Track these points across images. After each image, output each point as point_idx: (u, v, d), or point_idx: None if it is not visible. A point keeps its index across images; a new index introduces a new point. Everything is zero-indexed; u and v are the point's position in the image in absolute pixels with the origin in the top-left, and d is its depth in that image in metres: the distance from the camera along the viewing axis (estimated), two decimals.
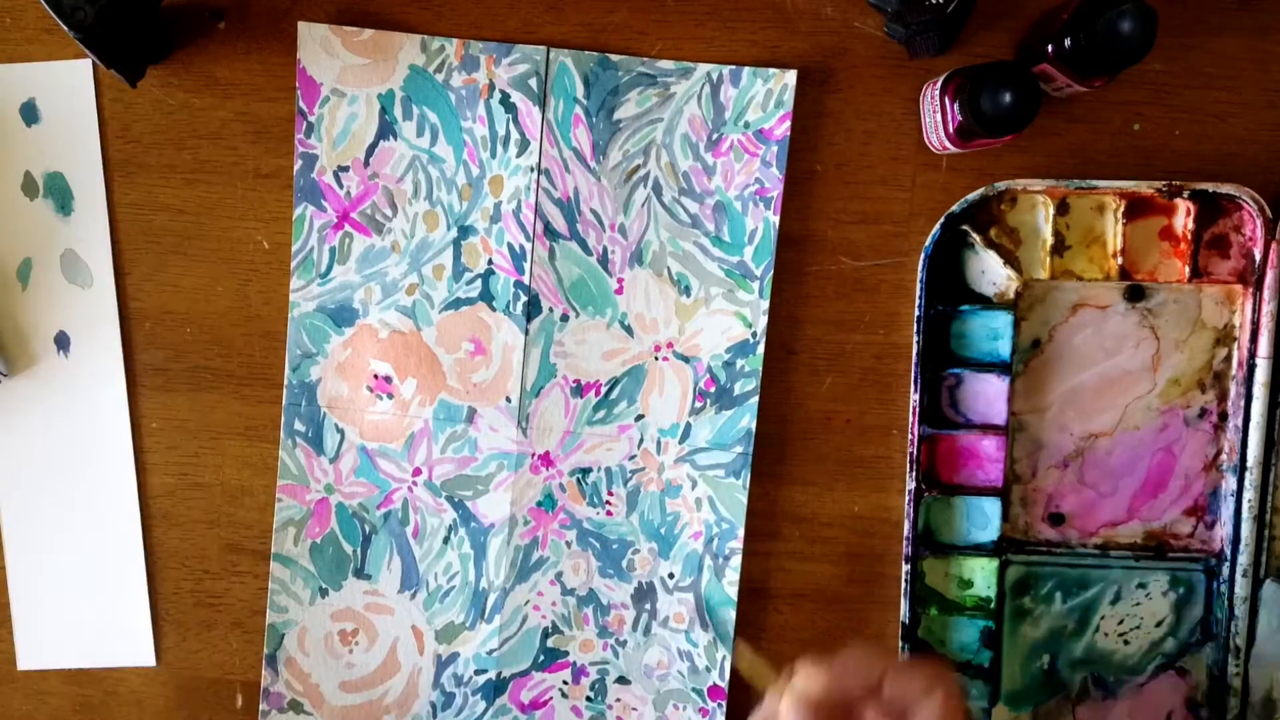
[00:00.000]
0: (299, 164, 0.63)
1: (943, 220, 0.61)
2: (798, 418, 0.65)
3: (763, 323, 0.63)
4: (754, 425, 0.64)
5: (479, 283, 0.64)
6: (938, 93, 0.59)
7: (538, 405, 0.64)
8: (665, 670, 0.66)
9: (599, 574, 0.65)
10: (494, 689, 0.66)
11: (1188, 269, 0.62)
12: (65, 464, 0.65)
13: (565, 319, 0.64)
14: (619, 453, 0.65)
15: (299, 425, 0.65)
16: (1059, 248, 0.62)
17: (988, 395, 0.63)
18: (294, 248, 0.64)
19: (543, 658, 0.66)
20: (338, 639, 0.66)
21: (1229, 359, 0.63)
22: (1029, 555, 0.64)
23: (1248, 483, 0.62)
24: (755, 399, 0.64)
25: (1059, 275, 0.62)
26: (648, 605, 0.65)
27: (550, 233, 0.63)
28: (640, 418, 0.64)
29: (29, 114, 0.63)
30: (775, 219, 0.63)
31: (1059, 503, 0.64)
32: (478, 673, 0.66)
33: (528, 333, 0.64)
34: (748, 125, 0.63)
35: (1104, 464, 0.64)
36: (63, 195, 0.64)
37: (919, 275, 0.62)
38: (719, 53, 0.63)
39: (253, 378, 0.65)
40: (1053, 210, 0.62)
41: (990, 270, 0.62)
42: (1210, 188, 0.61)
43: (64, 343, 0.65)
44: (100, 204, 0.64)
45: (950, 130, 0.58)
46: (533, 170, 0.63)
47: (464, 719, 0.66)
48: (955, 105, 0.57)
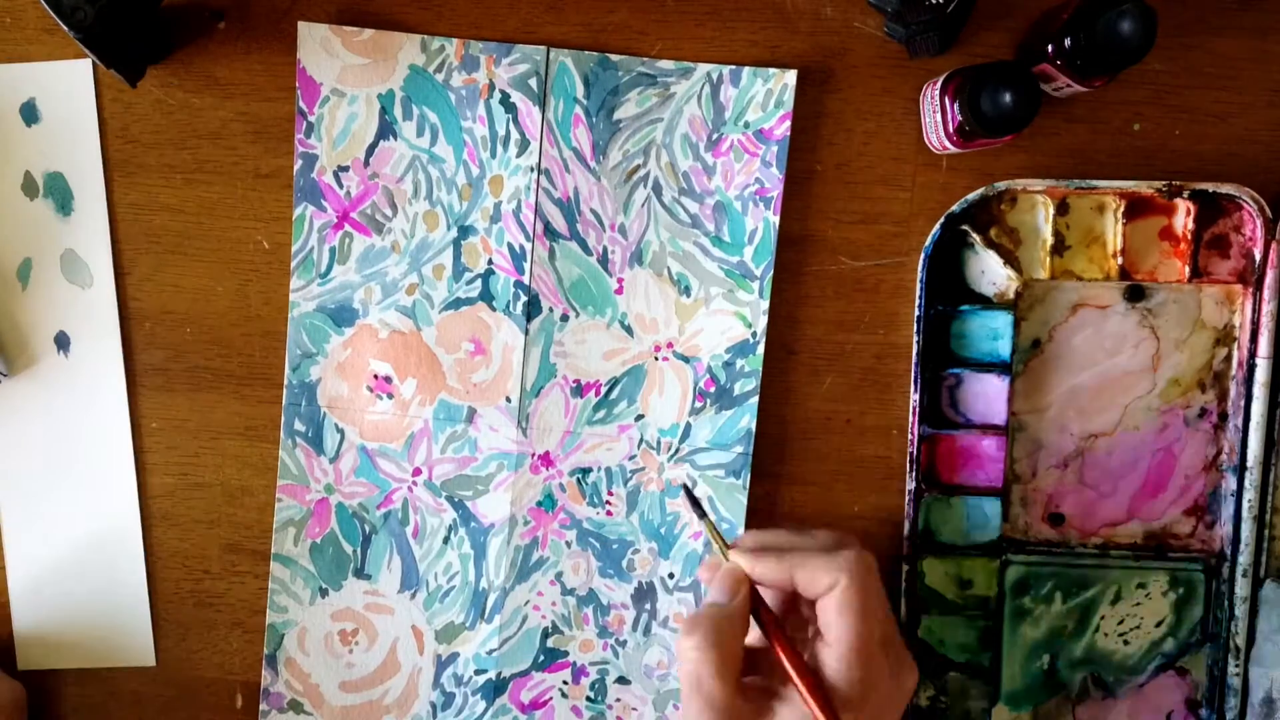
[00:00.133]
0: (299, 164, 0.63)
1: (943, 220, 0.61)
2: (798, 418, 0.65)
3: (763, 323, 0.63)
4: (754, 425, 0.64)
5: (479, 283, 0.64)
6: (938, 93, 0.59)
7: (538, 405, 0.64)
8: (665, 670, 0.66)
9: (599, 574, 0.65)
10: (494, 689, 0.66)
11: (1188, 269, 0.62)
12: (65, 464, 0.65)
13: (565, 319, 0.64)
14: (619, 453, 0.65)
15: (299, 425, 0.65)
16: (1059, 248, 0.62)
17: (988, 395, 0.63)
18: (294, 248, 0.64)
19: (543, 658, 0.66)
20: (338, 639, 0.66)
21: (1229, 359, 0.63)
22: (1029, 555, 0.64)
23: (1248, 483, 0.62)
24: (755, 399, 0.64)
25: (1059, 275, 0.62)
26: (648, 605, 0.65)
27: (550, 233, 0.63)
28: (640, 418, 0.64)
29: (29, 114, 0.63)
30: (775, 219, 0.63)
31: (1059, 503, 0.64)
32: (478, 673, 0.66)
33: (528, 333, 0.64)
34: (748, 125, 0.63)
35: (1104, 464, 0.64)
36: (63, 195, 0.64)
37: (919, 275, 0.62)
38: (719, 53, 0.63)
39: (253, 378, 0.65)
40: (1053, 210, 0.62)
41: (990, 270, 0.63)
42: (1210, 188, 0.61)
43: (64, 343, 0.65)
44: (100, 204, 0.64)
45: (950, 130, 0.58)
46: (533, 170, 0.63)
47: (464, 719, 0.66)
48: (955, 105, 0.57)
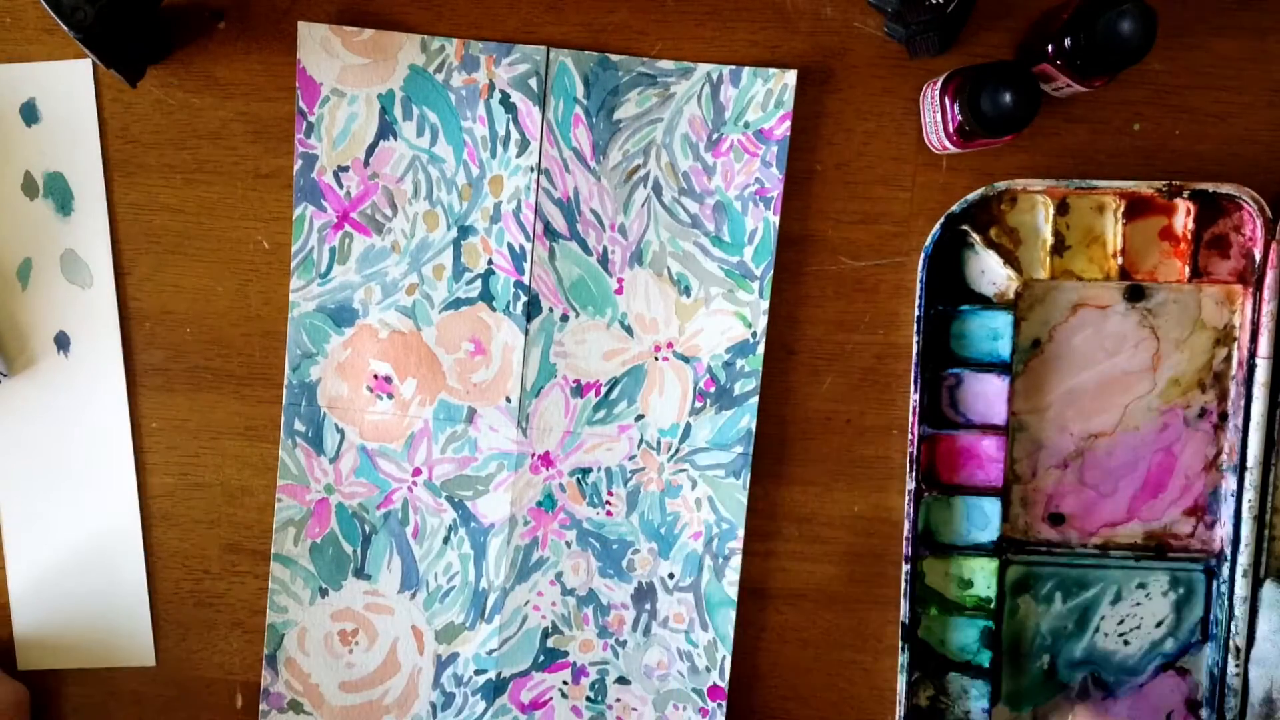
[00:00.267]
0: (299, 164, 0.63)
1: (943, 220, 0.61)
2: (797, 418, 0.65)
3: (763, 323, 0.63)
4: (754, 425, 0.64)
5: (479, 283, 0.64)
6: (938, 93, 0.59)
7: (538, 405, 0.64)
8: (665, 670, 0.66)
9: (599, 574, 0.65)
10: (494, 689, 0.66)
11: (1188, 269, 0.62)
12: (65, 464, 0.65)
13: (565, 319, 0.64)
14: (619, 453, 0.65)
15: (299, 425, 0.65)
16: (1059, 248, 0.62)
17: (988, 395, 0.63)
18: (294, 248, 0.64)
19: (543, 658, 0.66)
20: (338, 639, 0.66)
21: (1229, 359, 0.63)
22: (1029, 555, 0.64)
23: (1248, 483, 0.62)
24: (755, 399, 0.64)
25: (1059, 275, 0.62)
26: (648, 605, 0.65)
27: (550, 233, 0.63)
28: (640, 418, 0.64)
29: (29, 114, 0.63)
30: (775, 219, 0.63)
31: (1059, 503, 0.64)
32: (478, 673, 0.66)
33: (528, 333, 0.64)
34: (748, 125, 0.63)
35: (1104, 464, 0.64)
36: (63, 195, 0.64)
37: (919, 275, 0.62)
38: (719, 53, 0.63)
39: (253, 378, 0.65)
40: (1053, 210, 0.62)
41: (990, 270, 0.62)
42: (1210, 188, 0.61)
43: (64, 343, 0.65)
44: (100, 204, 0.64)
45: (950, 130, 0.58)
46: (533, 170, 0.63)
47: (464, 719, 0.66)
48: (955, 105, 0.57)
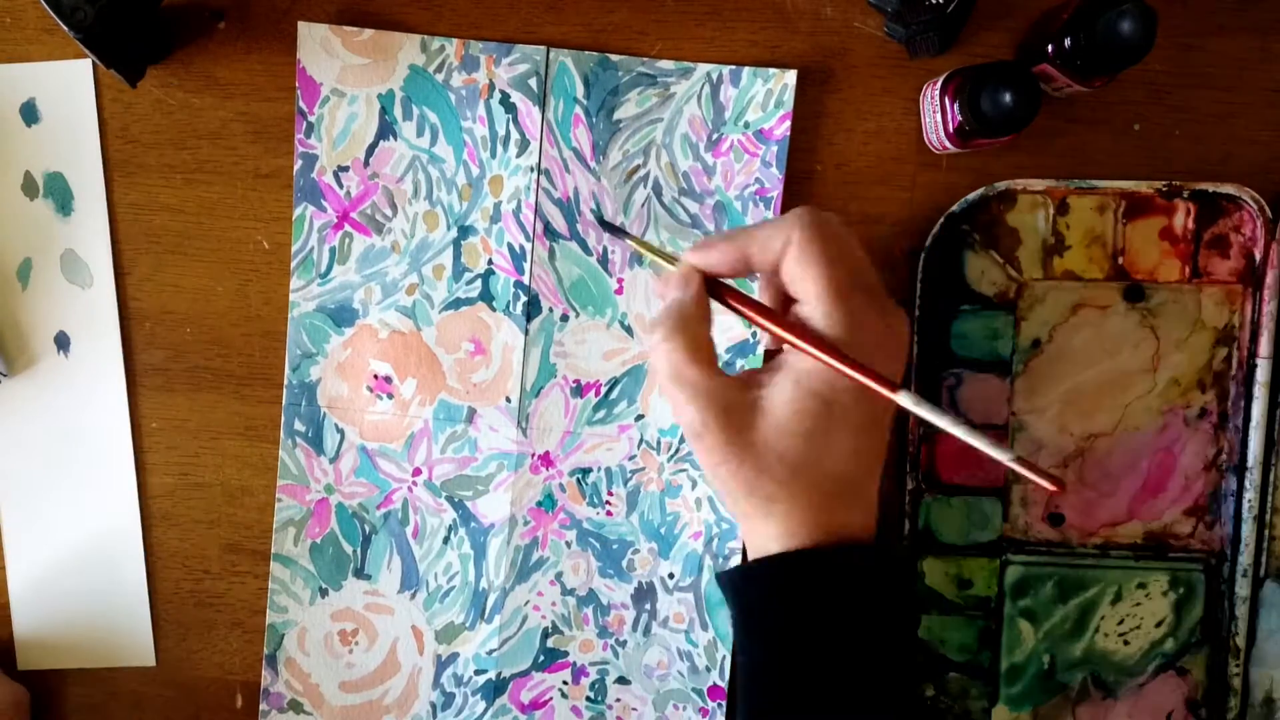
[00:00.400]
0: (299, 164, 0.63)
1: (942, 220, 0.61)
2: None
3: None
4: None
5: (479, 283, 0.64)
6: (938, 93, 0.59)
7: (538, 405, 0.64)
8: (665, 670, 0.66)
9: (599, 574, 0.65)
10: (494, 689, 0.66)
11: (1188, 269, 0.62)
12: (65, 464, 0.65)
13: (565, 319, 0.64)
14: (619, 453, 0.65)
15: (299, 425, 0.65)
16: (1059, 248, 0.62)
17: (987, 395, 0.63)
18: (294, 248, 0.64)
19: (543, 658, 0.66)
20: (338, 639, 0.66)
21: (1229, 359, 0.63)
22: (1029, 555, 0.64)
23: (1248, 483, 0.62)
24: None
25: (1059, 275, 0.62)
26: (648, 605, 0.65)
27: (550, 233, 0.63)
28: (640, 418, 0.64)
29: (29, 114, 0.63)
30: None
31: (1059, 503, 0.64)
32: (478, 673, 0.66)
33: (528, 333, 0.64)
34: (748, 125, 0.63)
35: (1104, 464, 0.64)
36: (63, 195, 0.64)
37: (919, 275, 0.62)
38: (719, 53, 0.63)
39: (253, 378, 0.65)
40: (1053, 210, 0.62)
41: (990, 270, 0.62)
42: (1210, 188, 0.61)
43: (64, 343, 0.65)
44: (100, 204, 0.64)
45: (950, 130, 0.58)
46: (533, 170, 0.63)
47: (464, 719, 0.66)
48: (955, 105, 0.57)
